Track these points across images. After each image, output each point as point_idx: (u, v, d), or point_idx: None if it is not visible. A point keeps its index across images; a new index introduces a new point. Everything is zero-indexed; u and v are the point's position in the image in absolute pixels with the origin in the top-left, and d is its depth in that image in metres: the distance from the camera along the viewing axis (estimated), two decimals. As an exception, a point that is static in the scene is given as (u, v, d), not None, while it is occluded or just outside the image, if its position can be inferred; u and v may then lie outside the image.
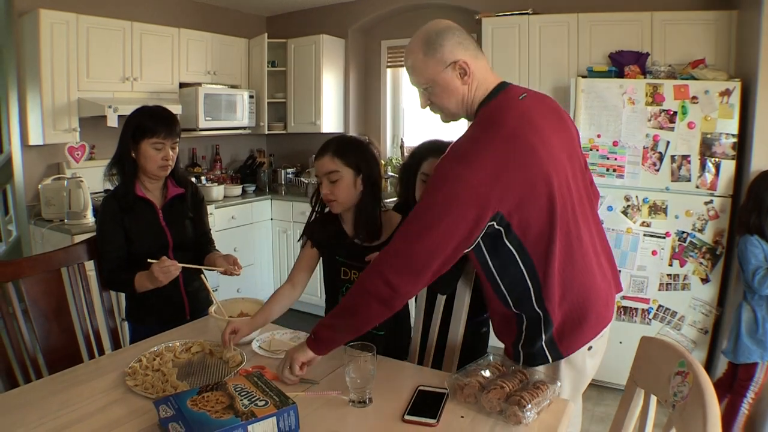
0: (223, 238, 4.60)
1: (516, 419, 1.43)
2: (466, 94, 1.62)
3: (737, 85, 3.18)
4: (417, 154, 2.24)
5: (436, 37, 1.58)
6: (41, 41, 3.80)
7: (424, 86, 1.62)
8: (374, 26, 5.61)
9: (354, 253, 2.04)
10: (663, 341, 1.31)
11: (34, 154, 4.16)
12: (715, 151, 3.26)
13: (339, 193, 1.99)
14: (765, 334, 2.85)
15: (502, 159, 1.45)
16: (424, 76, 1.60)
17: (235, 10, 5.67)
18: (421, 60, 1.59)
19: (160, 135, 2.24)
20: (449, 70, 1.58)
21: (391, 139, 5.71)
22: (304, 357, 1.66)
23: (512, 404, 1.45)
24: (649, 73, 3.58)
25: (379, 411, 1.54)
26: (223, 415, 1.33)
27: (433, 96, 1.63)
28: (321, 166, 2.02)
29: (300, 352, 1.66)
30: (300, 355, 1.66)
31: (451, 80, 1.59)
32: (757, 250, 2.87)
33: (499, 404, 1.48)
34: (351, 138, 2.12)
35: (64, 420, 1.47)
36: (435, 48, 1.57)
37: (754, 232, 2.90)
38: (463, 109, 1.65)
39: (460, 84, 1.60)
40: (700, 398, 1.04)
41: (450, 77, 1.58)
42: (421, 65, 1.60)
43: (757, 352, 2.87)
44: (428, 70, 1.59)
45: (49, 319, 2.12)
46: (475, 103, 1.63)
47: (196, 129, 4.83)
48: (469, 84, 1.60)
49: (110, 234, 2.25)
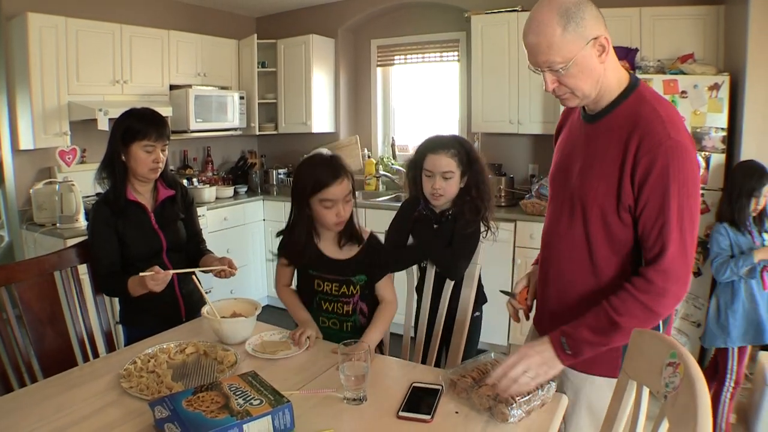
0: (215, 239, 4.59)
1: (502, 417, 1.45)
2: (602, 75, 1.46)
3: (726, 79, 3.21)
4: (420, 151, 2.36)
5: (576, 9, 1.39)
6: (30, 45, 3.79)
7: (559, 66, 1.42)
8: (364, 25, 5.62)
9: (326, 266, 2.11)
10: (654, 333, 1.32)
11: (25, 158, 4.14)
12: (705, 145, 3.28)
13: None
14: (727, 320, 2.95)
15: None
16: (562, 54, 1.40)
17: (225, 12, 5.66)
18: (559, 36, 1.38)
19: (151, 137, 2.23)
20: (589, 47, 1.41)
21: (382, 138, 5.71)
22: (554, 374, 1.52)
23: (501, 402, 1.46)
24: (639, 68, 3.60)
25: (374, 408, 1.55)
26: (219, 414, 1.33)
27: (566, 77, 1.44)
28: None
29: (552, 369, 1.51)
30: (551, 373, 1.51)
31: (590, 58, 1.42)
32: (722, 238, 2.96)
33: (489, 401, 1.49)
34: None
35: (59, 423, 1.47)
36: (576, 22, 1.38)
37: (725, 220, 2.98)
38: (597, 92, 1.49)
39: (598, 63, 1.44)
40: (691, 388, 1.05)
41: (589, 55, 1.42)
42: (559, 42, 1.39)
43: (720, 337, 2.98)
44: (568, 48, 1.40)
45: (43, 323, 2.11)
46: (610, 89, 1.51)
47: (187, 131, 4.82)
48: (605, 63, 1.46)
49: (103, 240, 2.24)
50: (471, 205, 2.30)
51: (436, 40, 5.21)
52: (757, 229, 2.97)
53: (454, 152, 2.28)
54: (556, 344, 1.50)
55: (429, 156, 2.31)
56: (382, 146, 5.71)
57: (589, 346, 1.48)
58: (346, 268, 2.08)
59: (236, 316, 2.09)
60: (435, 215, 2.36)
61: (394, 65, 5.56)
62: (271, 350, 1.91)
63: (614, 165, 1.48)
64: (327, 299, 2.12)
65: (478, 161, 2.35)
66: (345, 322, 2.12)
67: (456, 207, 2.32)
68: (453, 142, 2.33)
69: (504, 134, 4.47)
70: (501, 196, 4.39)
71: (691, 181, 1.42)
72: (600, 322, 1.47)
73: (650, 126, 1.42)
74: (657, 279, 1.44)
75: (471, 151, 2.35)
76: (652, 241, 1.45)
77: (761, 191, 2.91)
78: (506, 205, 4.38)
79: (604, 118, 1.54)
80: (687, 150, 1.41)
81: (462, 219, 2.29)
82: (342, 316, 2.12)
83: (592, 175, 1.54)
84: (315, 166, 2.04)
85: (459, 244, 2.28)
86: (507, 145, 4.69)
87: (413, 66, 5.48)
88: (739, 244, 2.95)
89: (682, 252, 1.43)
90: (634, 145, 1.43)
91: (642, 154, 1.42)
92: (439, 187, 2.27)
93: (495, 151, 4.70)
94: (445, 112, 5.33)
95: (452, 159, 2.27)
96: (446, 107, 5.32)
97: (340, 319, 2.12)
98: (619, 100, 1.52)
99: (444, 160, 2.27)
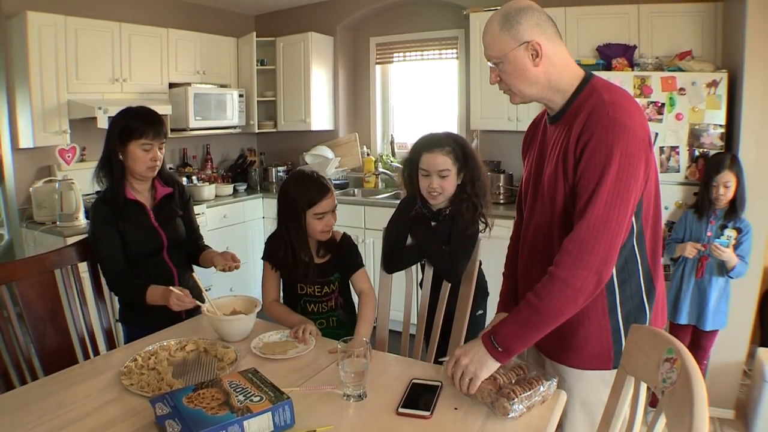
0: (215, 237, 4.61)
1: (503, 411, 1.45)
2: (541, 78, 1.58)
3: (724, 76, 3.21)
4: (415, 150, 2.38)
5: (515, 14, 1.56)
6: (29, 43, 3.79)
7: (494, 61, 1.59)
8: (362, 23, 5.62)
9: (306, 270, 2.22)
10: (652, 329, 1.33)
11: (25, 156, 4.14)
12: (703, 142, 3.28)
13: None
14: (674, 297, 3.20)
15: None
16: (496, 50, 1.58)
17: (223, 10, 5.65)
18: (496, 33, 1.57)
19: (149, 136, 2.23)
20: (521, 49, 1.55)
21: (381, 136, 5.71)
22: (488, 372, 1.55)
23: (502, 396, 1.47)
24: (637, 65, 3.61)
25: (374, 404, 1.56)
26: (219, 411, 1.34)
27: (503, 73, 1.60)
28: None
29: (485, 368, 1.54)
30: (485, 372, 1.54)
31: (522, 60, 1.56)
32: (680, 223, 3.22)
33: (490, 395, 1.50)
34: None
35: (61, 420, 1.48)
36: (512, 24, 1.55)
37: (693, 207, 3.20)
38: (537, 92, 1.61)
39: (532, 65, 1.56)
40: (687, 383, 1.06)
41: (521, 56, 1.55)
42: (495, 39, 1.57)
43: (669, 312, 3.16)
44: (501, 45, 1.56)
45: (44, 321, 2.12)
46: (563, 89, 1.60)
47: (187, 129, 4.82)
48: (544, 67, 1.57)
49: (107, 239, 2.24)
50: (469, 203, 2.30)
51: (434, 37, 5.21)
52: (722, 222, 3.07)
53: (449, 149, 2.29)
54: (487, 343, 1.55)
55: (424, 155, 2.30)
56: (381, 144, 5.71)
57: (516, 339, 1.52)
58: (326, 270, 2.25)
59: (236, 313, 2.10)
60: (432, 213, 2.37)
61: (393, 63, 5.56)
62: (281, 350, 1.91)
63: (565, 151, 1.55)
64: (311, 301, 2.25)
65: (474, 157, 2.36)
66: (329, 318, 2.28)
67: (453, 205, 2.33)
68: (447, 140, 2.33)
69: (503, 131, 4.47)
70: (500, 193, 4.40)
71: (627, 157, 1.44)
72: (523, 313, 1.53)
73: (592, 108, 1.51)
74: (572, 248, 1.47)
75: (466, 147, 2.36)
76: (578, 211, 1.49)
77: (716, 179, 3.04)
78: (505, 202, 4.38)
79: (563, 116, 1.62)
80: (625, 127, 1.45)
81: (461, 220, 2.29)
82: (325, 313, 2.28)
83: (549, 170, 1.62)
84: (304, 184, 2.19)
85: (458, 245, 2.28)
86: (506, 142, 4.69)
87: (412, 63, 5.48)
88: (692, 230, 3.15)
89: (601, 223, 1.44)
90: (578, 128, 1.51)
91: (582, 132, 1.50)
92: (437, 186, 2.28)
93: (494, 149, 4.71)
94: (443, 110, 5.33)
95: (448, 156, 2.28)
96: (445, 104, 5.32)
97: (326, 316, 2.28)
98: (574, 96, 1.60)
99: (440, 158, 2.27)
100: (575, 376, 1.66)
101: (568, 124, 1.58)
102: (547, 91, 1.61)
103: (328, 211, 2.18)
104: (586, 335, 1.62)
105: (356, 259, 2.30)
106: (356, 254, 2.31)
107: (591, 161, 1.46)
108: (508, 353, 1.53)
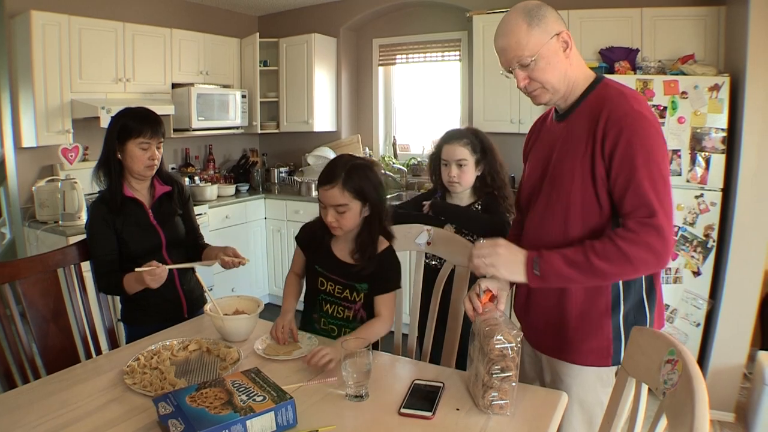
0: (217, 237, 4.62)
1: (500, 410, 1.48)
2: (568, 70, 1.58)
3: (726, 80, 3.21)
4: (438, 143, 2.69)
5: (537, 9, 1.54)
6: (33, 43, 3.80)
7: (529, 60, 1.54)
8: (365, 25, 5.63)
9: (332, 266, 2.09)
10: (653, 331, 1.34)
11: (28, 156, 4.15)
12: (705, 146, 3.28)
13: (345, 222, 1.96)
14: None
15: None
16: (529, 48, 1.53)
17: (227, 10, 5.67)
18: (524, 32, 1.53)
19: (146, 135, 2.25)
20: (554, 42, 1.54)
21: (383, 137, 5.72)
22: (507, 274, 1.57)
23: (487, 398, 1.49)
24: (639, 68, 3.61)
25: (376, 405, 1.56)
26: (222, 410, 1.35)
27: (535, 71, 1.56)
28: (330, 198, 1.93)
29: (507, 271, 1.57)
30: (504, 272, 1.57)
31: (555, 52, 1.55)
32: None
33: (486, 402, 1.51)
34: (356, 164, 1.97)
35: (63, 419, 1.48)
36: (539, 18, 1.53)
37: None
38: (565, 87, 1.60)
39: (563, 57, 1.56)
40: (689, 385, 1.06)
41: (555, 49, 1.55)
42: (525, 37, 1.53)
43: None
44: (533, 42, 1.53)
45: (47, 320, 2.13)
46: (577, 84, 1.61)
47: (189, 129, 4.83)
48: (570, 59, 1.58)
49: (102, 239, 2.25)
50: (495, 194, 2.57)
51: (437, 39, 5.22)
52: None
53: (466, 141, 2.56)
54: (529, 260, 1.56)
55: (445, 146, 2.60)
56: (383, 145, 5.72)
57: (556, 275, 1.53)
58: (351, 272, 2.04)
59: (238, 313, 2.10)
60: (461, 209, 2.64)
61: (395, 64, 5.56)
62: (285, 351, 1.92)
63: (585, 147, 1.56)
64: (329, 300, 2.11)
65: (492, 151, 2.61)
66: (344, 328, 2.09)
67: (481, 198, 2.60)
68: (466, 133, 2.62)
69: (505, 134, 4.47)
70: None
71: (657, 149, 1.49)
72: (576, 256, 1.51)
73: (615, 102, 1.53)
74: (642, 230, 1.47)
75: (484, 141, 2.61)
76: (635, 203, 1.49)
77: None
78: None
79: (574, 111, 1.63)
80: (650, 121, 1.51)
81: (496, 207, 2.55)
82: (342, 320, 2.10)
83: (566, 166, 1.61)
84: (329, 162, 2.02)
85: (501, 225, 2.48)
86: (508, 144, 4.65)
87: (415, 65, 5.49)
88: None
89: (669, 211, 1.48)
90: (602, 121, 1.52)
91: (609, 127, 1.51)
92: (455, 175, 2.55)
93: (496, 151, 4.71)
94: (446, 112, 5.33)
95: (465, 148, 2.55)
96: (447, 107, 5.32)
97: (339, 324, 2.11)
98: (587, 92, 1.62)
99: (458, 149, 2.55)
100: (573, 374, 1.68)
101: (582, 116, 1.59)
102: (567, 85, 1.61)
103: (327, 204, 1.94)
104: (587, 332, 1.64)
105: (391, 278, 2.06)
106: (394, 273, 2.07)
107: (626, 157, 1.48)
108: (542, 280, 1.54)
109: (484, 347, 1.48)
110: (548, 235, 1.66)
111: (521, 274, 1.56)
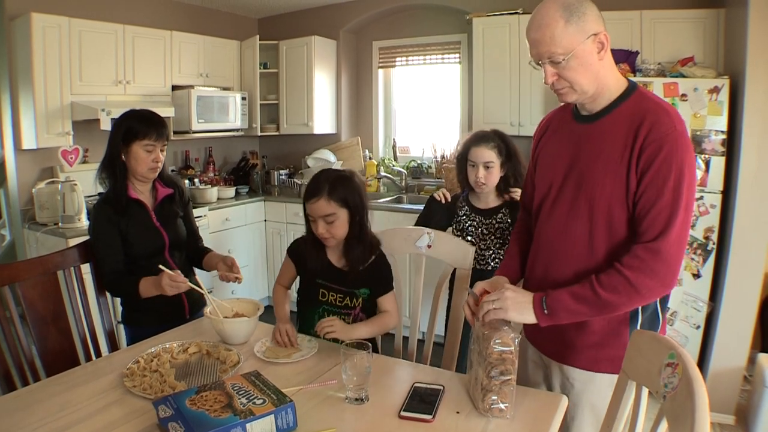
0: (217, 239, 4.61)
1: (500, 413, 1.48)
2: (600, 72, 1.52)
3: (726, 82, 3.22)
4: (465, 145, 2.80)
5: (578, 4, 1.46)
6: (33, 45, 3.80)
7: (561, 58, 1.47)
8: (365, 27, 5.63)
9: (332, 277, 2.15)
10: (653, 334, 1.33)
11: (28, 158, 4.15)
12: (704, 148, 3.29)
13: (336, 231, 2.05)
14: None
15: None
16: (563, 46, 1.46)
17: (227, 13, 5.67)
18: (561, 27, 1.45)
19: (151, 137, 2.26)
20: (589, 42, 1.47)
21: (383, 140, 5.72)
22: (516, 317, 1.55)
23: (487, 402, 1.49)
24: (639, 71, 3.61)
25: (376, 408, 1.56)
26: (222, 413, 1.35)
27: (566, 69, 1.49)
28: (318, 210, 2.02)
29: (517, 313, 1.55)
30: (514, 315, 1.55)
31: (590, 53, 1.48)
32: None
33: (485, 405, 1.50)
34: (338, 175, 2.09)
35: (63, 422, 1.48)
36: (578, 16, 1.45)
37: None
38: (594, 89, 1.54)
39: (597, 59, 1.49)
40: (689, 388, 1.06)
41: (589, 50, 1.48)
42: (560, 33, 1.45)
43: None
44: (568, 39, 1.45)
45: (47, 322, 2.13)
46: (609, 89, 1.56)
47: (189, 131, 4.82)
48: (604, 61, 1.52)
49: (108, 239, 2.25)
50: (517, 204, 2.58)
51: (437, 42, 5.22)
52: None
53: (493, 144, 2.68)
54: (537, 300, 1.55)
55: (472, 149, 2.71)
56: (383, 148, 5.72)
57: (566, 311, 1.52)
58: (352, 279, 2.11)
59: (238, 316, 2.10)
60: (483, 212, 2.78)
61: (395, 67, 5.57)
62: (285, 354, 1.92)
63: (621, 156, 1.52)
64: (330, 310, 2.14)
65: (517, 154, 2.74)
66: None
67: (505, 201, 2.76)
68: (493, 136, 2.73)
69: (505, 136, 4.48)
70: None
71: (689, 172, 1.47)
72: (583, 291, 1.51)
73: (658, 116, 1.49)
74: (647, 257, 1.46)
75: (509, 144, 2.74)
76: (649, 224, 1.48)
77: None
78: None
79: (606, 116, 1.58)
80: (689, 144, 1.48)
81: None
82: None
83: (597, 170, 1.57)
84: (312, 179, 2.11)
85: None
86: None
87: (414, 68, 5.49)
88: None
89: (678, 237, 1.46)
90: (643, 133, 1.48)
91: (649, 141, 1.47)
92: (482, 176, 2.67)
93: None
94: (446, 114, 5.34)
95: (492, 150, 2.67)
96: (447, 109, 5.33)
97: None
98: (621, 99, 1.57)
99: (486, 151, 2.67)
100: (584, 379, 1.66)
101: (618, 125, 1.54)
102: (597, 87, 1.55)
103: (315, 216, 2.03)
104: (605, 340, 1.62)
105: (388, 279, 2.18)
106: (389, 274, 2.19)
107: (659, 174, 1.46)
108: (551, 318, 1.53)
109: (483, 350, 1.49)
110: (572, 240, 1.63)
111: (530, 315, 1.55)
